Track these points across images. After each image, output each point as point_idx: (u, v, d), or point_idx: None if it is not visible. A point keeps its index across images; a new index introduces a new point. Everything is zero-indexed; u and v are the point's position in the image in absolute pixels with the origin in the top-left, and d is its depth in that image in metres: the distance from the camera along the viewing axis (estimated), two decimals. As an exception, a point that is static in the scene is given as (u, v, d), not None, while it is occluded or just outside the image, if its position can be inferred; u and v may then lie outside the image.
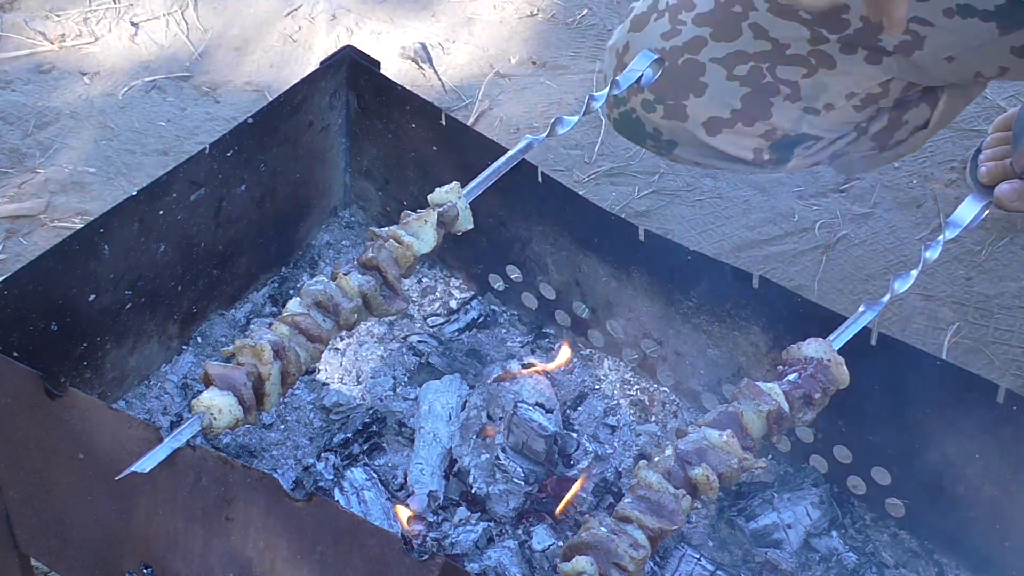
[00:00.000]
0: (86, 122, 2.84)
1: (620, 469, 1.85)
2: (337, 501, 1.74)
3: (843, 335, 1.57)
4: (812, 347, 1.55)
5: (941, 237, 1.55)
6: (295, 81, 2.01)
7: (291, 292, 2.05)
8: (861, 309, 1.57)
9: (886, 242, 2.61)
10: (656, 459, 1.47)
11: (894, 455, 1.77)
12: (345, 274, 1.59)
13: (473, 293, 2.10)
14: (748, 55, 1.92)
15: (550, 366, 1.93)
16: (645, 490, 1.44)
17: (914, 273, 1.57)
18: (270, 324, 1.57)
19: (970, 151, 2.74)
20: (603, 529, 1.42)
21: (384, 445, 1.87)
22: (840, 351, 1.58)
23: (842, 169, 2.16)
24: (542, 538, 1.73)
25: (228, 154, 1.92)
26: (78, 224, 2.54)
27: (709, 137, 1.97)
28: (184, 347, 1.99)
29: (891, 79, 1.93)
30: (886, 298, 1.57)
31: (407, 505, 1.75)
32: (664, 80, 1.87)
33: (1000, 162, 2.63)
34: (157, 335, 1.94)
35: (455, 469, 1.81)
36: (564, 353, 1.95)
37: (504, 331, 2.05)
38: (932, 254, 1.56)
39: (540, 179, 1.89)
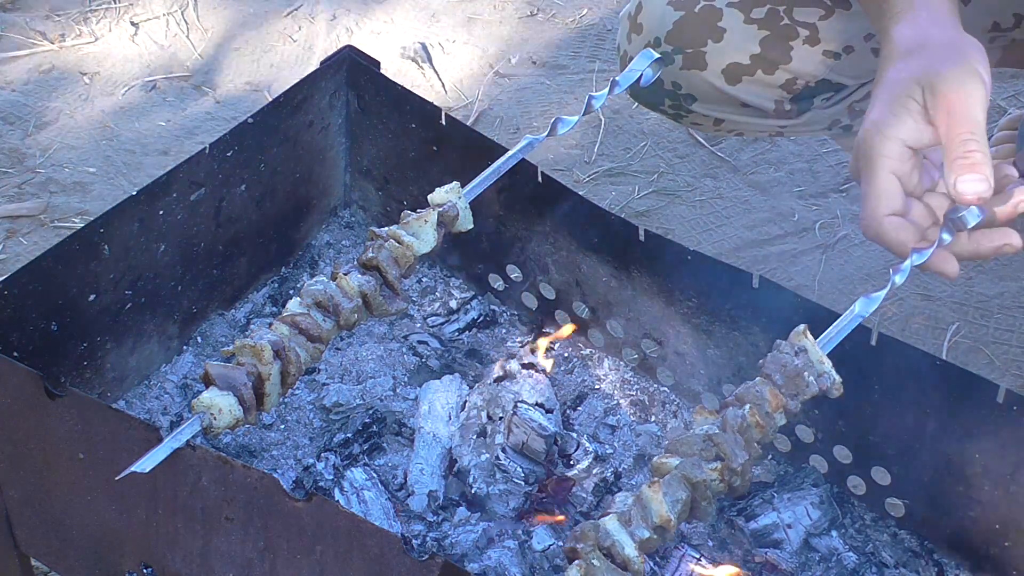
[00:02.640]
0: (86, 122, 2.85)
1: (620, 469, 1.85)
2: (337, 501, 1.74)
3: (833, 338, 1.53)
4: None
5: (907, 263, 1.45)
6: (295, 81, 2.01)
7: (291, 292, 2.05)
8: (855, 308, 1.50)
9: (886, 242, 2.61)
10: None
11: (894, 455, 1.77)
12: (345, 274, 1.59)
13: (473, 293, 2.10)
14: None
15: (550, 338, 1.94)
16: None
17: (882, 294, 1.49)
18: (270, 324, 1.57)
19: (970, 151, 2.74)
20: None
21: (384, 445, 1.87)
22: (842, 352, 1.58)
23: (850, 147, 2.16)
24: (542, 538, 1.73)
25: (228, 154, 1.92)
26: (78, 224, 2.54)
27: (729, 86, 1.95)
28: (184, 347, 1.99)
29: None
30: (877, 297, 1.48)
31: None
32: (682, 29, 1.87)
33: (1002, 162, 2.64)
34: (157, 335, 1.94)
35: (455, 469, 1.81)
36: (566, 329, 1.95)
37: (504, 331, 2.05)
38: (900, 278, 1.48)
39: (540, 179, 1.89)
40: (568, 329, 1.97)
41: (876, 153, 1.40)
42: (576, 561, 1.38)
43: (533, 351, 1.95)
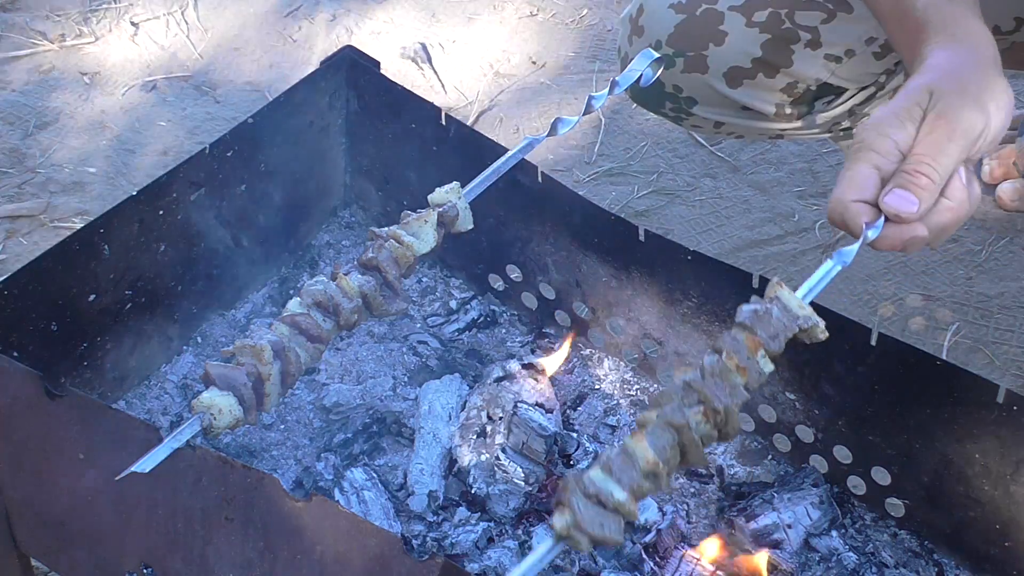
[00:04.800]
0: (86, 122, 2.85)
1: (620, 469, 1.85)
2: (337, 501, 1.74)
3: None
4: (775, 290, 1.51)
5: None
6: (295, 81, 2.01)
7: (291, 292, 2.05)
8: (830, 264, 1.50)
9: (886, 242, 2.61)
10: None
11: (894, 455, 1.78)
12: (345, 274, 1.59)
13: (473, 293, 2.10)
14: (766, 1, 1.91)
15: (551, 362, 1.93)
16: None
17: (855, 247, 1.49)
18: (270, 324, 1.56)
19: (970, 151, 2.74)
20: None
21: (384, 445, 1.87)
22: (843, 352, 1.58)
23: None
24: (542, 538, 1.73)
25: (228, 154, 1.92)
26: (78, 224, 2.54)
27: (730, 90, 1.95)
28: (184, 347, 1.99)
29: None
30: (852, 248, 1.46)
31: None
32: (683, 32, 1.86)
33: (1003, 161, 2.64)
34: (157, 335, 1.94)
35: (455, 469, 1.81)
36: (564, 349, 1.95)
37: (504, 331, 2.05)
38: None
39: (540, 179, 1.89)
40: (566, 344, 1.96)
41: (866, 145, 1.41)
42: (560, 508, 1.35)
43: (542, 371, 1.94)
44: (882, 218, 1.40)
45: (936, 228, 1.40)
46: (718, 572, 1.72)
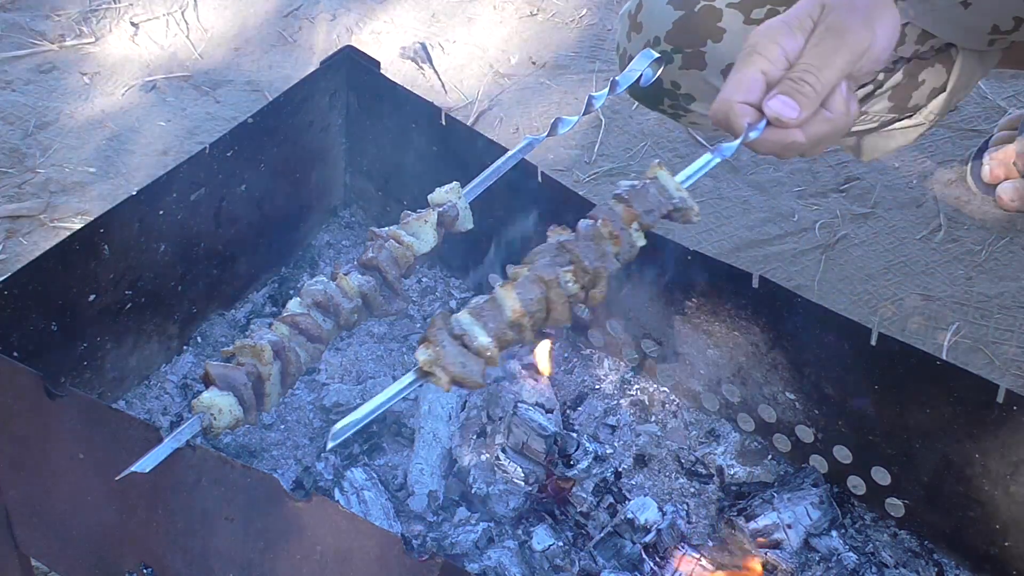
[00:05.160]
0: (86, 122, 2.84)
1: (620, 469, 1.85)
2: (337, 501, 1.74)
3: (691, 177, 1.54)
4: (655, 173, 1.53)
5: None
6: (295, 81, 2.01)
7: (291, 292, 2.05)
8: (708, 156, 1.52)
9: (886, 242, 2.61)
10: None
11: (894, 455, 1.78)
12: (345, 274, 1.58)
13: (473, 293, 2.10)
14: None
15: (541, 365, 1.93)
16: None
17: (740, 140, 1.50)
18: (270, 324, 1.56)
19: (970, 151, 2.74)
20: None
21: (384, 445, 1.87)
22: (843, 352, 1.58)
23: (855, 152, 2.15)
24: (542, 538, 1.73)
25: (228, 154, 1.92)
26: (78, 224, 2.54)
27: None
28: (184, 347, 1.99)
29: (906, 23, 1.92)
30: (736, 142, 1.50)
31: None
32: (682, 28, 1.87)
33: (1003, 161, 2.64)
34: (157, 335, 1.94)
35: (455, 469, 1.81)
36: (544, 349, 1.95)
37: (504, 331, 2.05)
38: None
39: (540, 179, 1.89)
40: (545, 350, 1.96)
41: (755, 50, 1.48)
42: (426, 344, 1.39)
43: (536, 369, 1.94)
44: (764, 120, 1.46)
45: (814, 137, 1.47)
46: (718, 572, 1.73)
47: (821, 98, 1.45)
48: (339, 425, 1.36)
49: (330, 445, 1.36)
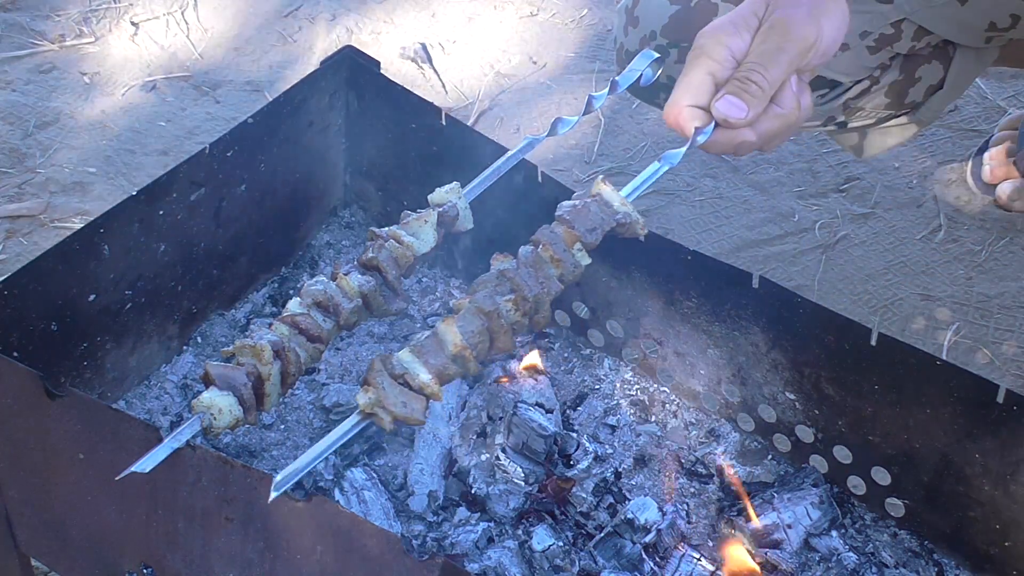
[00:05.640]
0: (86, 122, 2.85)
1: (620, 469, 1.85)
2: (337, 501, 1.74)
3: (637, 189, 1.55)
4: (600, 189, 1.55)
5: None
6: (295, 81, 2.01)
7: (291, 292, 2.05)
8: (656, 164, 1.54)
9: (886, 242, 2.61)
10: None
11: (894, 455, 1.78)
12: (345, 274, 1.58)
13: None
14: None
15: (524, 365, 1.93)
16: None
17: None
18: (270, 324, 1.56)
19: (970, 151, 2.74)
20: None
21: (384, 445, 1.87)
22: (844, 352, 1.58)
23: (856, 150, 2.15)
24: (542, 538, 1.73)
25: (228, 154, 1.92)
26: (78, 224, 2.54)
27: None
28: (184, 347, 1.99)
29: (903, 19, 1.92)
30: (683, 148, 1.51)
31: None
32: (678, 23, 1.87)
33: (1003, 161, 2.64)
34: (157, 335, 1.94)
35: (455, 469, 1.81)
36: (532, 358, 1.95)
37: (504, 331, 2.05)
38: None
39: (540, 179, 1.89)
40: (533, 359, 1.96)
41: (703, 52, 1.48)
42: (366, 387, 1.41)
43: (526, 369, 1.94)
44: (712, 123, 1.46)
45: (766, 135, 1.47)
46: (718, 572, 1.73)
47: (769, 96, 1.45)
48: (281, 475, 1.37)
49: (272, 496, 1.37)
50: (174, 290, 1.94)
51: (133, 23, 3.09)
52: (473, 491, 1.78)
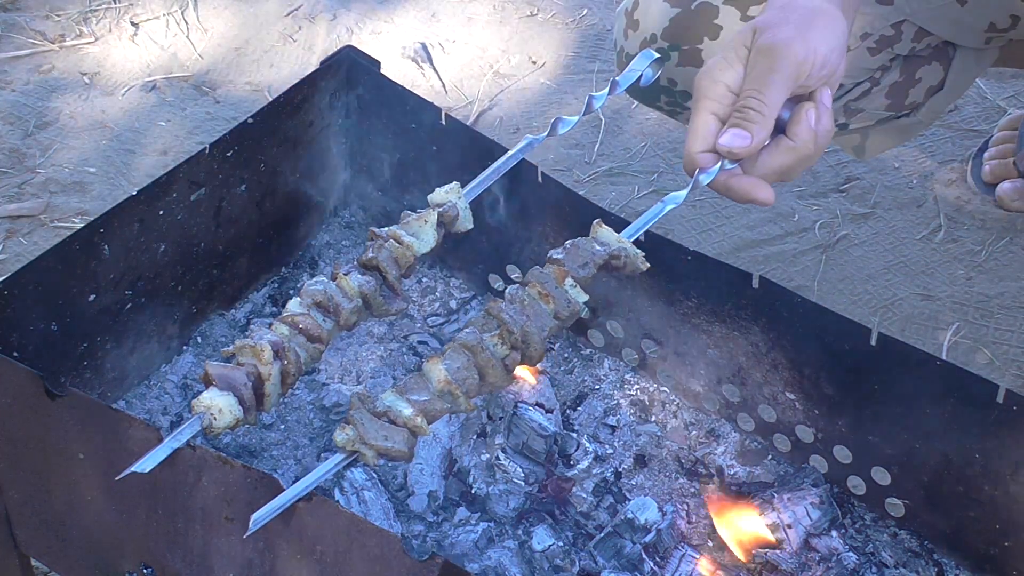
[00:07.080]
0: (86, 122, 2.85)
1: (620, 469, 1.85)
2: (337, 501, 1.74)
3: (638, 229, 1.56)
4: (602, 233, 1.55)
5: None
6: (295, 81, 2.01)
7: (291, 292, 2.05)
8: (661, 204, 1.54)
9: (886, 242, 2.61)
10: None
11: (894, 455, 1.78)
12: (345, 274, 1.58)
13: (473, 293, 2.10)
14: None
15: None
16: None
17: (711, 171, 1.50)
18: (270, 324, 1.56)
19: (970, 151, 2.74)
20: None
21: (384, 445, 1.87)
22: (843, 352, 1.58)
23: (857, 152, 2.15)
24: (542, 538, 1.73)
25: (228, 154, 1.92)
26: (78, 224, 2.54)
27: None
28: (184, 347, 1.99)
29: (903, 20, 1.92)
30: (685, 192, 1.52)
31: None
32: (678, 25, 1.86)
33: (1003, 161, 2.64)
34: (157, 335, 1.94)
35: (455, 469, 1.81)
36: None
37: (504, 331, 2.05)
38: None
39: (540, 179, 1.89)
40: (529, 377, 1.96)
41: (701, 94, 1.47)
42: (343, 425, 1.43)
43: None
44: (719, 163, 1.45)
45: (779, 170, 1.45)
46: (718, 572, 1.73)
47: (771, 118, 1.43)
48: (259, 512, 1.38)
49: (249, 532, 1.38)
50: (174, 290, 1.94)
51: (133, 23, 3.09)
52: (473, 491, 1.78)
